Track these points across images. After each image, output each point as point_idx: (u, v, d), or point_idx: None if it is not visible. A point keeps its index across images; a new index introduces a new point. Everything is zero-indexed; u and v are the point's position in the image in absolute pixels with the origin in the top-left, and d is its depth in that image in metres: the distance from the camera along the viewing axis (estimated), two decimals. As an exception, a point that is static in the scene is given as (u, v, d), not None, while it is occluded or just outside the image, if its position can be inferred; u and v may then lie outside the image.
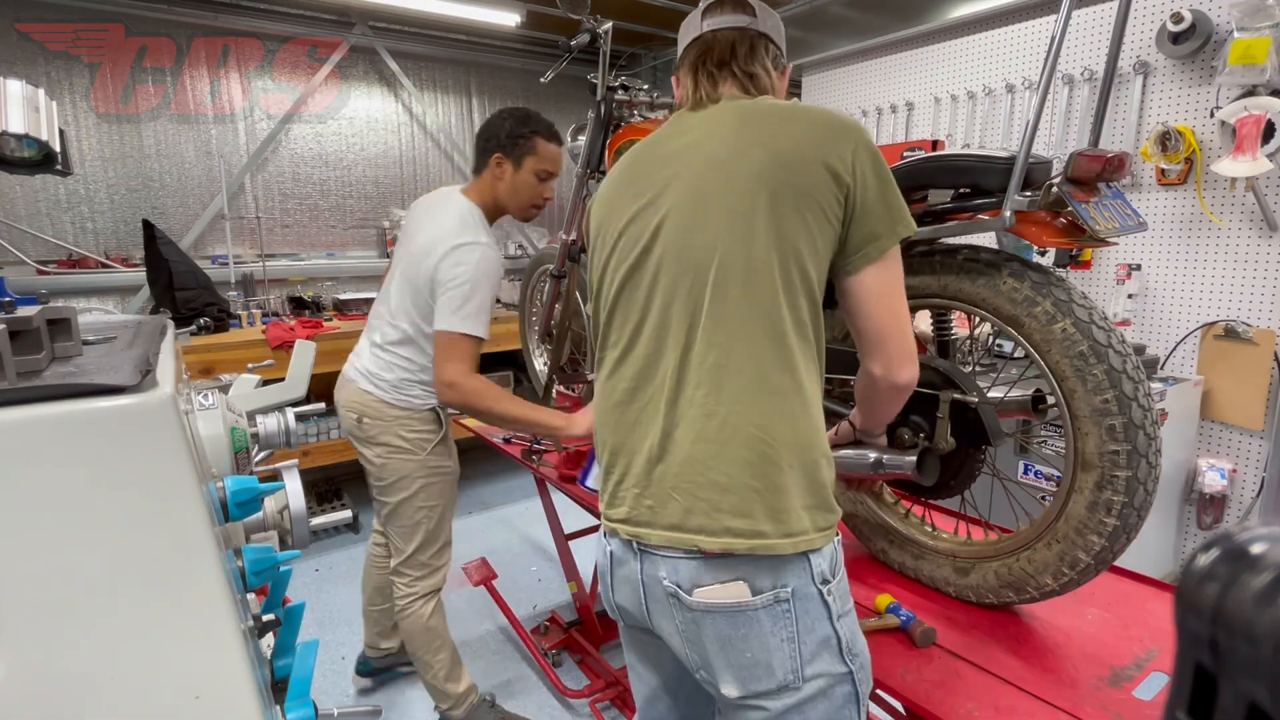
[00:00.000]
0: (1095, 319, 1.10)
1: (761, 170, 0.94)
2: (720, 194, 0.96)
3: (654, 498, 0.97)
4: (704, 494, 0.93)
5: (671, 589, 0.96)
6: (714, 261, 0.94)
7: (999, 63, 3.13)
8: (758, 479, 0.92)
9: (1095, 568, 1.15)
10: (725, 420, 0.93)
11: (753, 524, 0.91)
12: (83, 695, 0.65)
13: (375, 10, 3.99)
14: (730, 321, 0.94)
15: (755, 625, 0.92)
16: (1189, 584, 0.36)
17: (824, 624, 0.94)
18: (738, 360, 0.93)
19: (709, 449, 0.93)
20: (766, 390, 0.93)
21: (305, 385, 1.56)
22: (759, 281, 0.93)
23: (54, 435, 0.63)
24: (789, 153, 0.94)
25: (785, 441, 0.93)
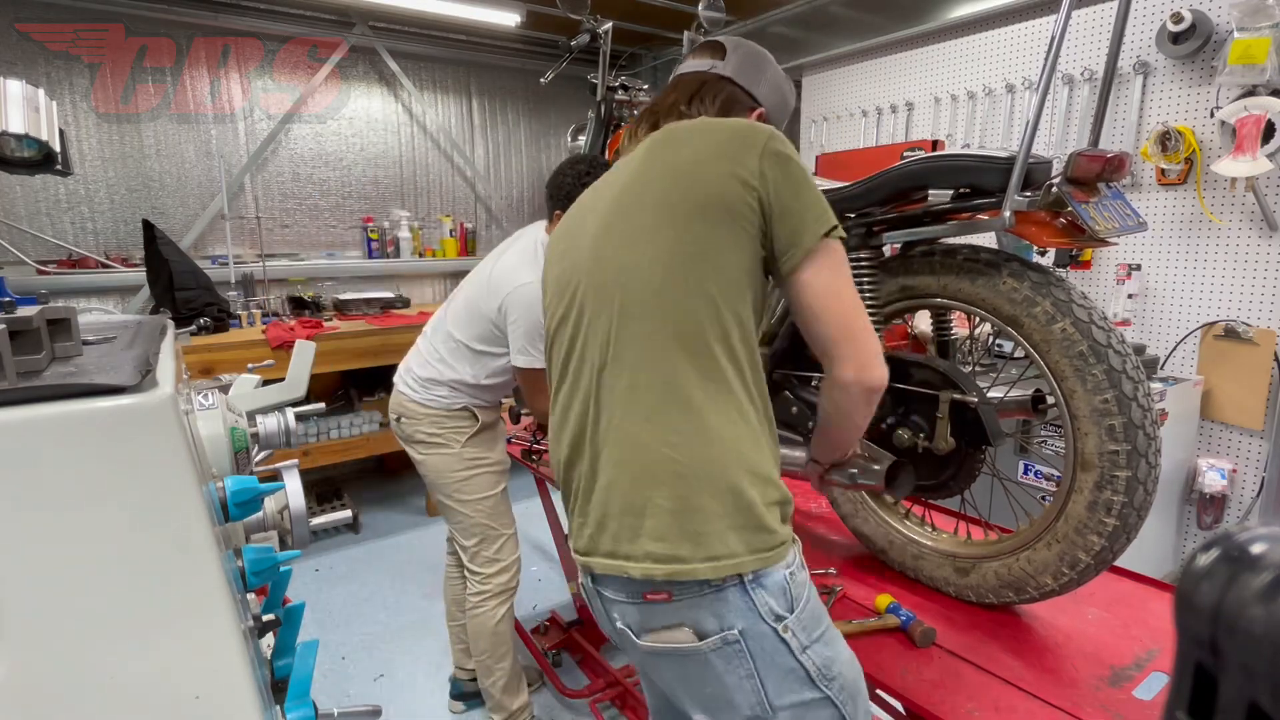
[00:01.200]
0: (1095, 319, 1.10)
1: (663, 190, 0.94)
2: (624, 220, 0.96)
3: (593, 525, 0.96)
4: (626, 519, 0.91)
5: (623, 629, 0.96)
6: (621, 284, 0.94)
7: (999, 63, 3.13)
8: (672, 500, 0.89)
9: (1095, 568, 1.15)
10: (637, 441, 0.91)
11: (670, 547, 0.88)
12: (82, 695, 0.65)
13: (375, 10, 3.99)
14: (637, 341, 0.92)
15: (708, 667, 0.90)
16: (1189, 584, 0.36)
17: (785, 658, 0.90)
18: (646, 379, 0.91)
19: (626, 472, 0.92)
20: (680, 407, 0.90)
21: (305, 385, 1.55)
22: (667, 298, 0.91)
23: (54, 435, 0.63)
24: (689, 167, 0.93)
25: (701, 459, 0.89)
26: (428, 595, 3.05)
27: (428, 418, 1.93)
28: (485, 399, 1.97)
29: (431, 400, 1.93)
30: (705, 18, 2.18)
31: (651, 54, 4.97)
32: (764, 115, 1.13)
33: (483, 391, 1.95)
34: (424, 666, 2.58)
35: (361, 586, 3.16)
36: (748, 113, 1.11)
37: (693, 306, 0.91)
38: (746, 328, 0.95)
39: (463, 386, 1.92)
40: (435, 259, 4.63)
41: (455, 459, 1.94)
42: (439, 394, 1.93)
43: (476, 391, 1.94)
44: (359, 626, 2.84)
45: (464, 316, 1.91)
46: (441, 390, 1.92)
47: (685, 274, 0.91)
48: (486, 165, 4.90)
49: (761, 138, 0.94)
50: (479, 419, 1.96)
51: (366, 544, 3.58)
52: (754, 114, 1.12)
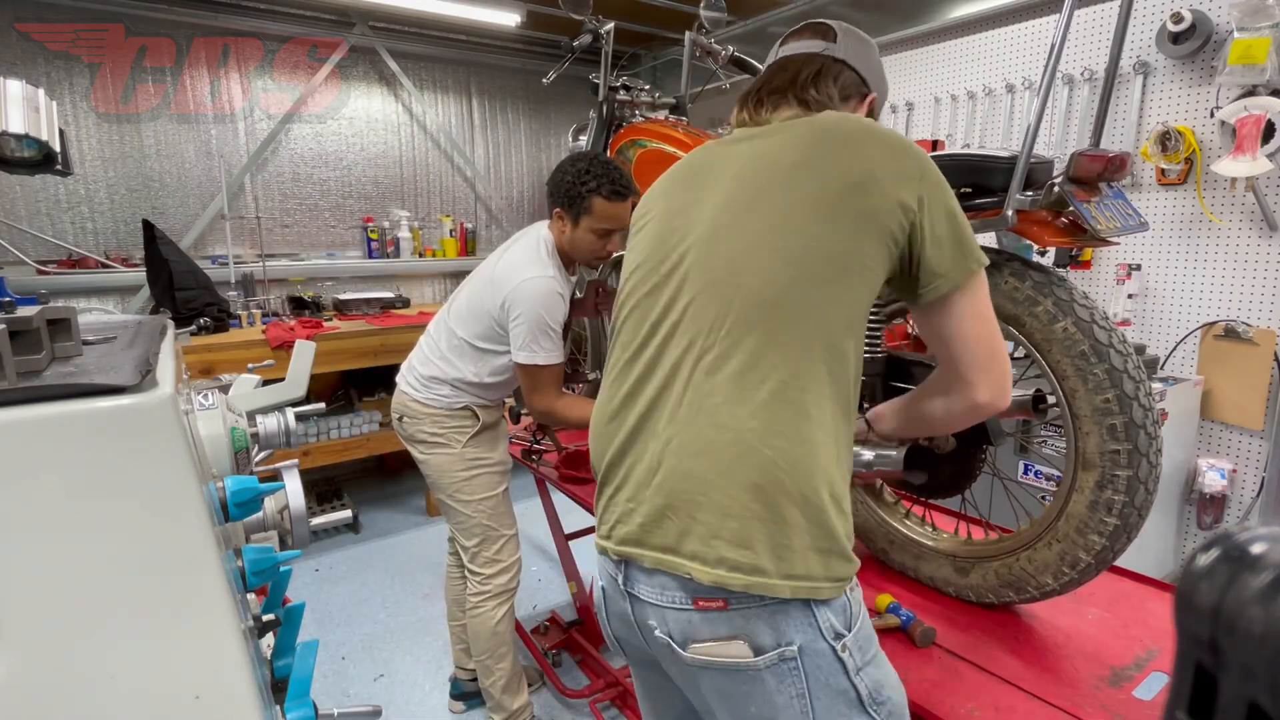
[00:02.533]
0: (1096, 319, 1.10)
1: (824, 181, 0.88)
2: (770, 200, 0.90)
3: (646, 514, 0.88)
4: (703, 516, 0.84)
5: (664, 640, 0.88)
6: (753, 268, 0.88)
7: (999, 63, 3.13)
8: (765, 507, 0.82)
9: (1096, 567, 1.15)
10: (739, 435, 0.83)
11: (753, 557, 0.82)
12: (83, 695, 0.65)
13: (375, 10, 3.99)
14: (761, 329, 0.85)
15: (758, 684, 0.84)
16: (1189, 584, 0.36)
17: (839, 679, 0.85)
18: (764, 370, 0.84)
19: (715, 465, 0.84)
20: (792, 410, 0.84)
21: (305, 385, 1.55)
22: (805, 295, 0.86)
23: (54, 435, 0.63)
24: (855, 172, 0.88)
25: (803, 470, 0.83)
26: (428, 595, 3.05)
27: (429, 417, 1.93)
28: (487, 398, 1.96)
29: (433, 399, 1.92)
30: (706, 18, 2.18)
31: (652, 54, 4.97)
32: (873, 101, 1.10)
33: (485, 390, 1.94)
34: (424, 666, 2.58)
35: (361, 586, 3.16)
36: (860, 99, 1.08)
37: (828, 312, 0.87)
38: (860, 343, 0.91)
39: (465, 385, 1.91)
40: (435, 259, 4.63)
41: (457, 459, 1.94)
42: (441, 393, 1.92)
43: (479, 390, 1.93)
44: (359, 626, 2.84)
45: (466, 314, 1.90)
46: (444, 389, 1.92)
47: (828, 276, 0.87)
48: (486, 165, 4.90)
49: (925, 160, 0.92)
50: (480, 419, 1.95)
51: (366, 544, 3.58)
52: (866, 99, 1.09)
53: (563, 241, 1.87)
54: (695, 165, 1.04)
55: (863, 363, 0.97)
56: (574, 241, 1.85)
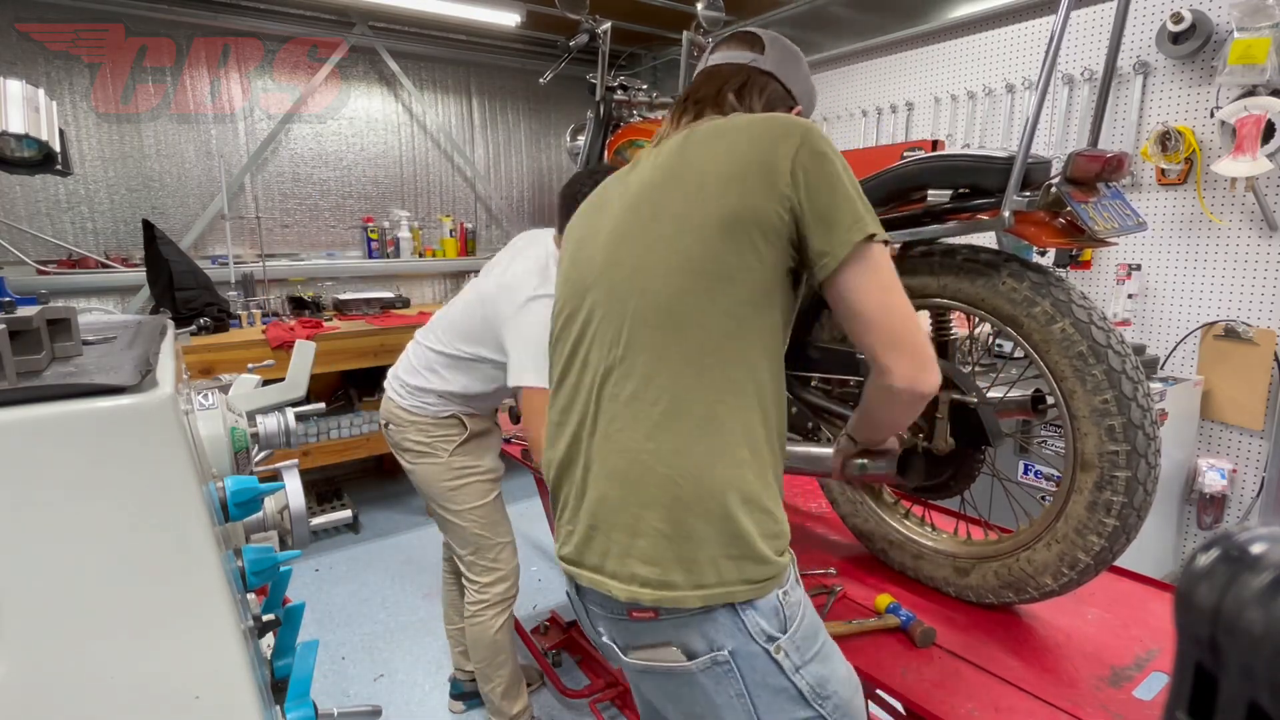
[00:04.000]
0: (1094, 319, 1.10)
1: (691, 192, 0.89)
2: (648, 221, 0.92)
3: (580, 535, 0.93)
4: (616, 536, 0.88)
5: (610, 645, 0.94)
6: (638, 289, 0.90)
7: (999, 63, 3.13)
8: (669, 524, 0.85)
9: (1095, 568, 1.15)
10: (636, 456, 0.87)
11: (661, 573, 0.85)
12: (82, 695, 0.65)
13: (375, 10, 3.99)
14: (648, 351, 0.88)
15: (696, 686, 0.88)
16: (1189, 584, 0.36)
17: (777, 678, 0.87)
18: (654, 392, 0.87)
19: (621, 489, 0.88)
20: (685, 426, 0.86)
21: (305, 385, 1.55)
22: (686, 309, 0.87)
23: (54, 435, 0.63)
24: (721, 170, 0.88)
25: (701, 483, 0.85)
26: (428, 595, 3.05)
27: (414, 425, 1.88)
28: (475, 408, 1.93)
29: (419, 407, 1.88)
30: (705, 18, 2.18)
31: (651, 54, 4.97)
32: (799, 114, 1.09)
33: (474, 401, 1.90)
34: (424, 666, 2.58)
35: (361, 586, 3.16)
36: (786, 111, 1.07)
37: (712, 322, 0.87)
38: (771, 344, 0.90)
39: (453, 397, 1.87)
40: (435, 259, 4.63)
41: (444, 468, 1.89)
42: (427, 401, 1.87)
43: (467, 401, 1.89)
44: (359, 626, 2.84)
45: (461, 325, 1.84)
46: (430, 398, 1.87)
47: (706, 288, 0.87)
48: (486, 165, 4.90)
49: (798, 132, 0.88)
50: (468, 427, 1.91)
51: (366, 544, 3.58)
52: (793, 112, 1.08)
53: None
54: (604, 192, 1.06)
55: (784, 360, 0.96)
56: None
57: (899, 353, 0.87)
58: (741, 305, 0.87)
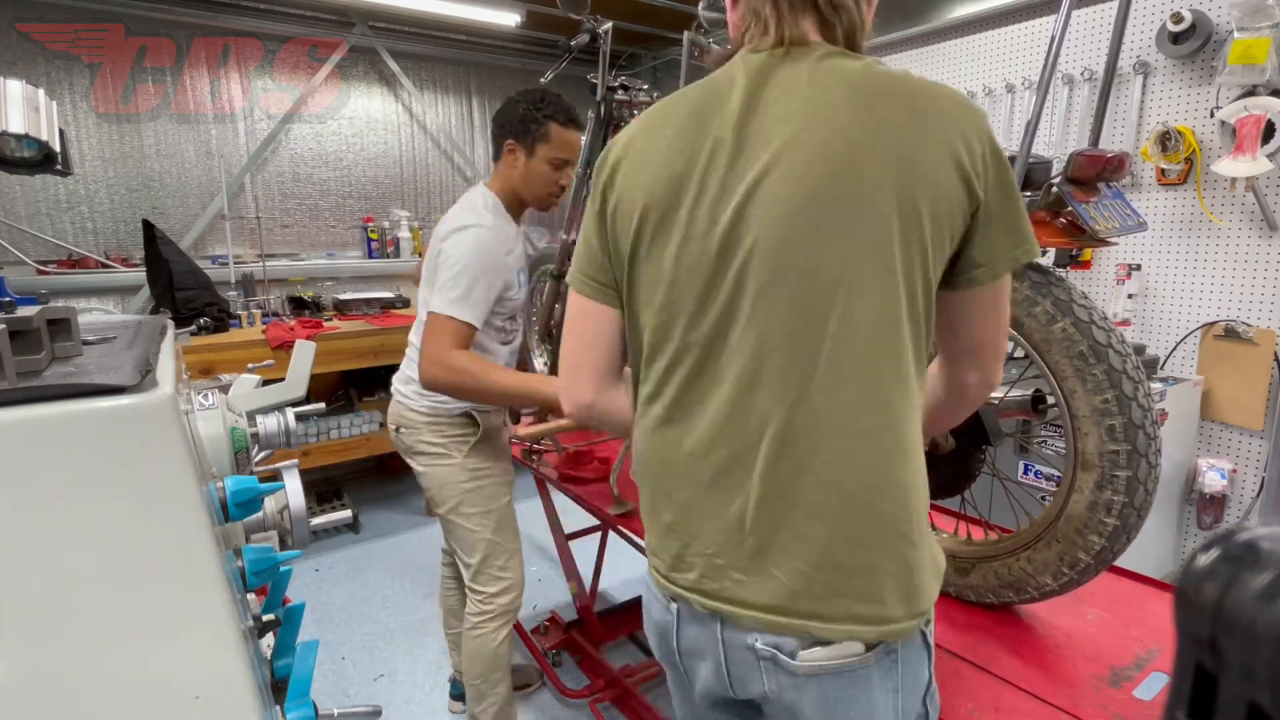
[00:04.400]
0: (1095, 319, 1.10)
1: (893, 180, 0.74)
2: (842, 206, 0.75)
3: (745, 572, 0.82)
4: (821, 576, 0.78)
5: (768, 652, 0.81)
6: (837, 297, 0.75)
7: (999, 63, 3.13)
8: (891, 559, 0.78)
9: (1095, 567, 1.15)
10: (852, 494, 0.77)
11: (882, 609, 0.78)
12: (82, 695, 0.65)
13: (375, 10, 3.99)
14: (859, 374, 0.77)
15: (865, 683, 0.80)
16: (1189, 584, 0.36)
17: (924, 669, 0.84)
18: (868, 421, 0.77)
19: (832, 527, 0.78)
20: (898, 454, 0.78)
21: (305, 385, 1.55)
22: (888, 325, 0.76)
23: (54, 435, 0.63)
24: (921, 157, 0.74)
25: (917, 511, 0.80)
26: (428, 595, 3.05)
27: (427, 426, 1.82)
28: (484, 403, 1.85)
29: (430, 407, 1.81)
30: (705, 18, 2.18)
31: (651, 54, 4.97)
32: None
33: None
34: (424, 666, 2.58)
35: (361, 586, 3.16)
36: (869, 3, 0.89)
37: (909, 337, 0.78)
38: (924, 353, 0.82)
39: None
40: (435, 259, 4.63)
41: (459, 469, 1.82)
42: (436, 399, 1.80)
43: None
44: (359, 626, 2.84)
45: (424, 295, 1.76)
46: (438, 395, 1.79)
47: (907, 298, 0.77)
48: (486, 165, 4.90)
49: (982, 118, 0.79)
50: (481, 425, 1.84)
51: (366, 544, 3.58)
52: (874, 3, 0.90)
53: (513, 180, 1.78)
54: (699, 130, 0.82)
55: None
56: (528, 175, 1.76)
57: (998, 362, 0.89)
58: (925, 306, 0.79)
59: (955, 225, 0.77)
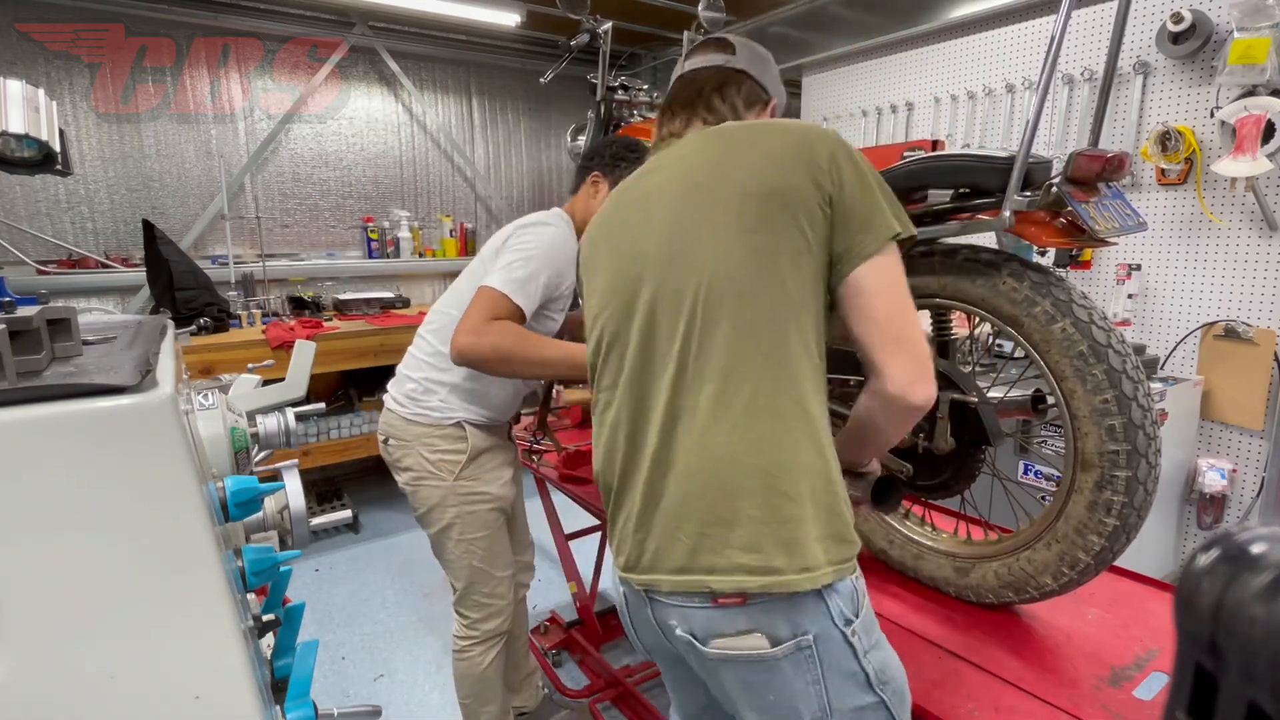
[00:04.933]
0: (1095, 319, 1.10)
1: (742, 186, 0.92)
2: (702, 216, 0.93)
3: (657, 539, 0.93)
4: (711, 530, 0.88)
5: (686, 638, 0.92)
6: (702, 287, 0.91)
7: (999, 63, 3.13)
8: (764, 510, 0.87)
9: (1095, 568, 1.15)
10: (724, 451, 0.88)
11: (764, 559, 0.86)
12: (83, 695, 0.65)
13: (375, 10, 3.99)
14: (723, 347, 0.89)
15: (777, 673, 0.88)
16: (1189, 584, 0.36)
17: (850, 662, 0.89)
18: (734, 386, 0.89)
19: (710, 482, 0.89)
20: (769, 416, 0.88)
21: (305, 385, 1.55)
22: (753, 302, 0.89)
23: (54, 435, 0.63)
24: (768, 165, 0.92)
25: (791, 469, 0.87)
26: (428, 595, 3.05)
27: (417, 439, 1.70)
28: (483, 411, 1.74)
29: (421, 415, 1.70)
30: (705, 18, 2.18)
31: (651, 54, 4.97)
32: (775, 109, 1.15)
33: (479, 399, 1.72)
34: (424, 666, 2.58)
35: (361, 586, 3.16)
36: (763, 106, 1.13)
37: (778, 312, 0.89)
38: (820, 333, 0.93)
39: (458, 391, 1.70)
40: (435, 259, 4.63)
41: (448, 492, 1.71)
42: (430, 405, 1.70)
43: (472, 398, 1.71)
44: (359, 626, 2.84)
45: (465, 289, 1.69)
46: (433, 400, 1.70)
47: (771, 276, 0.89)
48: (486, 165, 4.90)
49: (830, 136, 0.94)
50: (474, 443, 1.71)
51: (366, 544, 3.58)
52: (769, 107, 1.14)
53: (590, 208, 1.76)
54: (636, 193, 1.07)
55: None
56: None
57: (899, 355, 0.89)
58: (797, 290, 0.90)
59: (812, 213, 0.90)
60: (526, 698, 2.18)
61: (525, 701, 2.17)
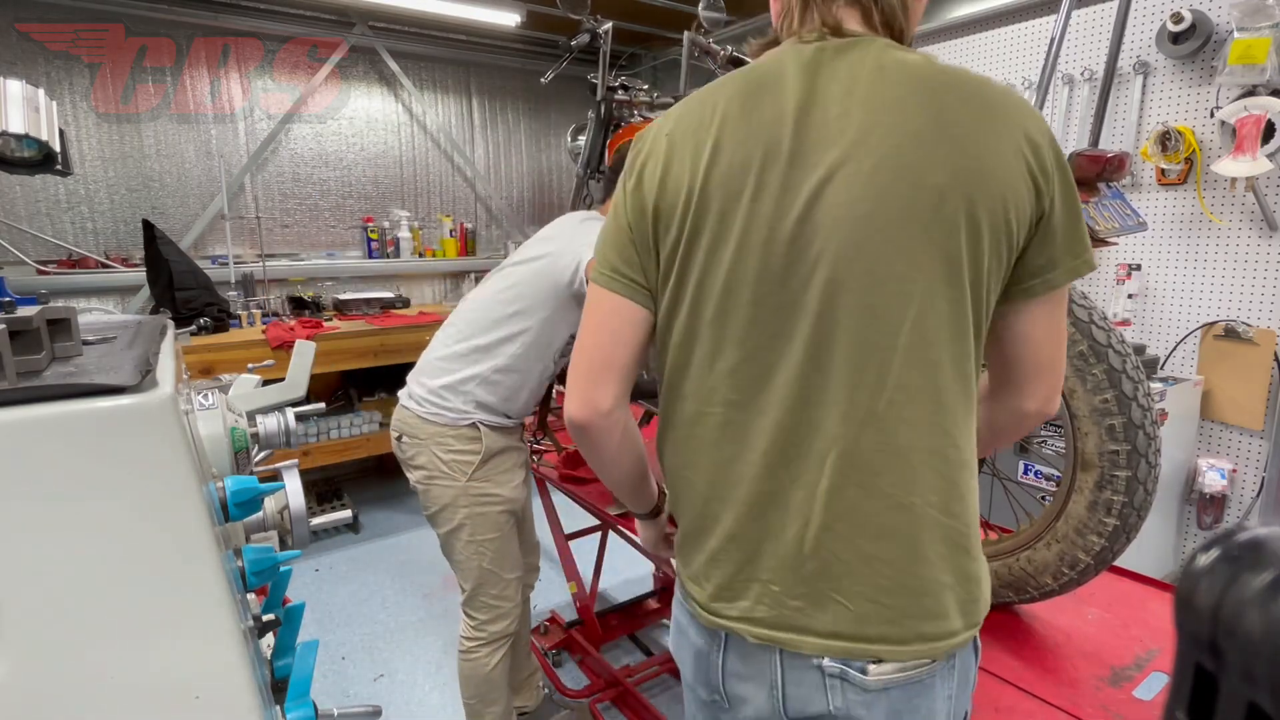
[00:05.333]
0: (1095, 319, 1.10)
1: (962, 186, 0.71)
2: (910, 215, 0.71)
3: (805, 599, 0.78)
4: (890, 600, 0.76)
5: (836, 670, 0.78)
6: (908, 311, 0.72)
7: (999, 63, 3.13)
8: (953, 573, 0.77)
9: (1095, 568, 1.15)
10: (920, 514, 0.75)
11: (946, 625, 0.77)
12: (82, 695, 0.65)
13: (375, 10, 3.99)
14: (927, 390, 0.74)
15: (928, 692, 0.79)
16: (1189, 584, 0.36)
17: (972, 668, 0.83)
18: (933, 440, 0.75)
19: (900, 549, 0.75)
20: (961, 468, 0.77)
21: (305, 385, 1.55)
22: (958, 338, 0.74)
23: (54, 435, 0.62)
24: (992, 163, 0.71)
25: (973, 522, 0.78)
26: (428, 595, 3.05)
27: (432, 438, 1.69)
28: (505, 410, 1.71)
29: (437, 414, 1.68)
30: (705, 18, 2.18)
31: (651, 54, 4.97)
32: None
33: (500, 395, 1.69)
34: (424, 666, 2.58)
35: (361, 586, 3.16)
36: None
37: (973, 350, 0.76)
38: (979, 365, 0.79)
39: (480, 386, 1.67)
40: (435, 259, 4.63)
41: (460, 493, 1.70)
42: (447, 404, 1.68)
43: (493, 394, 1.68)
44: (359, 626, 2.84)
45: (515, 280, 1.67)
46: (452, 399, 1.67)
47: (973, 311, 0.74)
48: (486, 165, 4.90)
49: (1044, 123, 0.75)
50: (488, 444, 1.70)
51: (366, 544, 3.58)
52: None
53: None
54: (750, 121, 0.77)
55: None
56: None
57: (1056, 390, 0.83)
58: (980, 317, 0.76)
59: (1020, 233, 0.73)
60: (527, 698, 2.18)
61: (526, 702, 2.18)
